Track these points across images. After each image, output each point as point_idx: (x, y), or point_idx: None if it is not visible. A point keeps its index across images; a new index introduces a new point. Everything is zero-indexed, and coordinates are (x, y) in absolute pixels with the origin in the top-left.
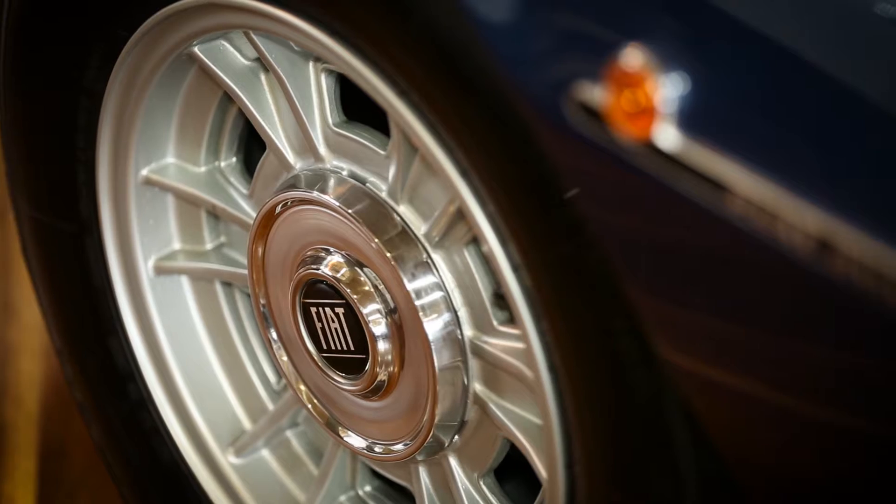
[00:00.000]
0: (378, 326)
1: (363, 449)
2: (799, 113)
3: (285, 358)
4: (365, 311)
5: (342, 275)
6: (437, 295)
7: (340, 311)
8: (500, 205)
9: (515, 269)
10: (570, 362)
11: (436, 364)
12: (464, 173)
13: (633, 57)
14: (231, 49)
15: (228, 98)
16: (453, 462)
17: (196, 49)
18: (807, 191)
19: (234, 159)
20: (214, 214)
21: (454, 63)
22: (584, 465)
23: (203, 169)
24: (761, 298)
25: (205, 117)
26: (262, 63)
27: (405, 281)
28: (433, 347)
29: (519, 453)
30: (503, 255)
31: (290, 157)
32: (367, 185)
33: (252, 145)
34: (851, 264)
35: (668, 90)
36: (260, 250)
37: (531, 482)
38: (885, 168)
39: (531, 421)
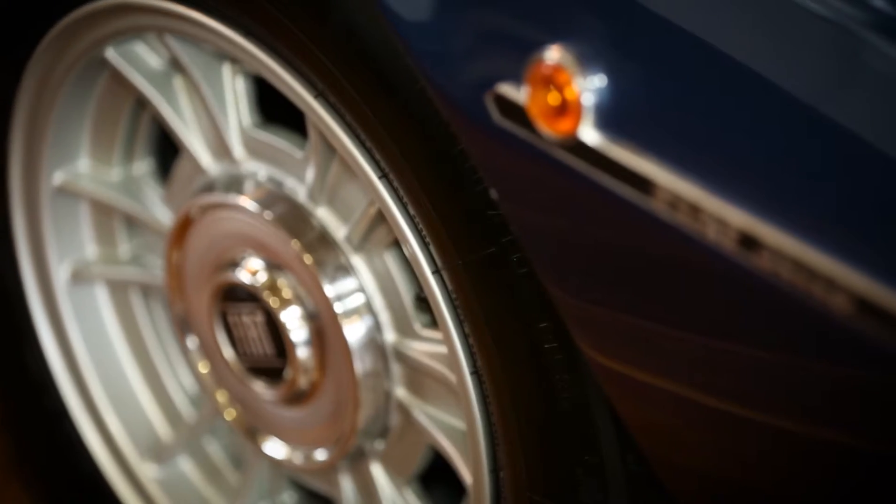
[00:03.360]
0: (297, 332)
1: (284, 458)
2: (721, 110)
3: (203, 366)
4: (283, 316)
5: (260, 280)
6: (358, 299)
7: (259, 317)
8: (421, 207)
9: (437, 271)
10: (493, 365)
11: (357, 370)
12: (383, 175)
13: (555, 56)
14: (144, 51)
15: (142, 101)
16: (376, 469)
17: (109, 52)
18: (730, 187)
19: (148, 164)
20: (130, 220)
21: (373, 63)
22: (509, 469)
23: (117, 174)
24: (686, 296)
25: (118, 121)
26: (176, 65)
27: (324, 285)
28: (354, 353)
29: (444, 459)
30: (424, 258)
31: (206, 160)
32: (285, 187)
33: (167, 149)
34: (775, 261)
35: (589, 89)
36: (176, 256)
37: (457, 488)
38: (808, 165)
39: (455, 426)
